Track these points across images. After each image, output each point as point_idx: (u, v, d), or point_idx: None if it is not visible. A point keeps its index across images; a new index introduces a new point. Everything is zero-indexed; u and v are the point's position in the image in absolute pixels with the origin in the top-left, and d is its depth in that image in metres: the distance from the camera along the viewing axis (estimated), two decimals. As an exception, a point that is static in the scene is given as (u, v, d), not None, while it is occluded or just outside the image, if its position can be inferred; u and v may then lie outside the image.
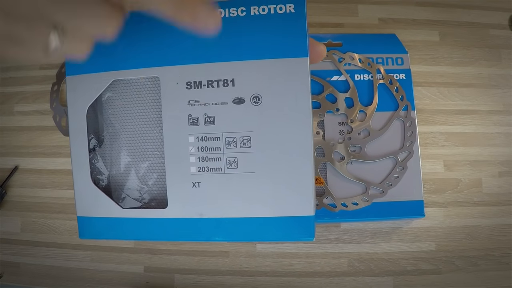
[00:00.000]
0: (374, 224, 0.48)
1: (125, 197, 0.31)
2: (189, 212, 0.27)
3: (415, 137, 0.45)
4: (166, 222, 0.27)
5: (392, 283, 0.47)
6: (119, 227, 0.28)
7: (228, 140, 0.26)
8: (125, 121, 0.31)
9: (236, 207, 0.26)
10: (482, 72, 0.51)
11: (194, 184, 0.27)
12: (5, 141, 0.53)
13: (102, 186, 0.31)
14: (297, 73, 0.26)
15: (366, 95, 0.46)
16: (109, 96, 0.31)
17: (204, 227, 0.27)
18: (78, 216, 0.28)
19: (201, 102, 0.27)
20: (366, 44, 0.47)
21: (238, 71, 0.26)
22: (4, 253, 0.51)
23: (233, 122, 0.26)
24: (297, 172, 0.26)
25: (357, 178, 0.44)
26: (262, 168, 0.26)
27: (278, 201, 0.26)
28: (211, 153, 0.27)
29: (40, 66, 0.54)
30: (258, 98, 0.26)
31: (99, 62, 0.28)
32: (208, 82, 0.26)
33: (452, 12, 0.52)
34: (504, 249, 0.47)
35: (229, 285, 0.48)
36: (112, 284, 0.50)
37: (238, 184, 0.26)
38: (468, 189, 0.49)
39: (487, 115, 0.50)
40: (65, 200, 0.51)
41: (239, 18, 0.26)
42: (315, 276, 0.48)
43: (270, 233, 0.26)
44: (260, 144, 0.26)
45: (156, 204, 0.30)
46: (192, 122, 0.27)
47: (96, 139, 0.31)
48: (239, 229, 0.26)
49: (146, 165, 0.31)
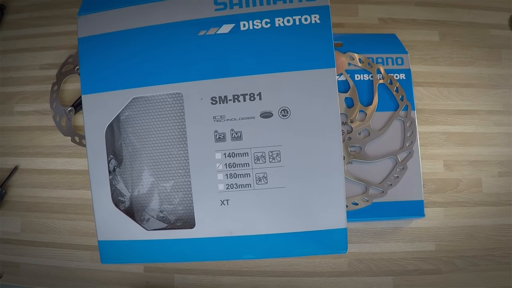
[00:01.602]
0: (374, 224, 0.48)
1: (149, 219, 0.30)
2: (218, 231, 0.26)
3: (415, 137, 0.45)
4: (194, 243, 0.26)
5: (392, 283, 0.47)
6: (144, 250, 0.27)
7: (256, 155, 0.26)
8: (146, 140, 0.30)
9: (267, 223, 0.26)
10: (482, 72, 0.51)
11: (222, 202, 0.26)
12: (5, 141, 0.53)
13: (123, 208, 0.30)
14: (324, 84, 0.25)
15: (366, 95, 0.46)
16: (128, 115, 0.30)
17: (234, 246, 0.26)
18: (99, 240, 0.27)
19: (227, 118, 0.26)
20: (366, 44, 0.47)
21: (264, 84, 0.25)
22: (4, 253, 0.51)
23: (261, 136, 0.26)
24: (327, 185, 0.25)
25: (357, 178, 0.44)
26: (293, 183, 0.25)
27: (310, 215, 0.25)
28: (240, 169, 0.26)
29: (40, 66, 0.54)
30: (286, 111, 0.26)
31: (116, 79, 0.27)
32: (234, 96, 0.26)
33: (452, 12, 0.52)
34: (504, 249, 0.47)
35: (229, 285, 0.48)
36: (112, 284, 0.50)
37: (268, 199, 0.26)
38: (468, 189, 0.49)
39: (487, 115, 0.50)
40: (65, 200, 0.51)
41: (263, 30, 0.26)
42: (315, 276, 0.48)
43: (302, 248, 0.26)
44: (289, 158, 0.25)
45: (182, 224, 0.30)
46: (219, 138, 0.26)
47: (116, 160, 0.30)
48: (270, 245, 0.26)
49: (170, 184, 0.30)
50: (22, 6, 0.56)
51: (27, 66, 0.54)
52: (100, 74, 0.27)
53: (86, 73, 0.27)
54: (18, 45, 0.55)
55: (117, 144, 0.31)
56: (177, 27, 0.26)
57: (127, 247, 0.27)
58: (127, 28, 0.27)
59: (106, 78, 0.27)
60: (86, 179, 0.51)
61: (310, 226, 0.25)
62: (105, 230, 0.27)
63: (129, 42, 0.27)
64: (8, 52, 0.55)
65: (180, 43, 0.26)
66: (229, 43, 0.26)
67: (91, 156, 0.27)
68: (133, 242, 0.27)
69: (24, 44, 0.55)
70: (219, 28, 0.26)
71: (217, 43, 0.26)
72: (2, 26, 0.55)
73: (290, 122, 0.25)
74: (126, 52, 0.26)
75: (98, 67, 0.27)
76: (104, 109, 0.27)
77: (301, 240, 0.25)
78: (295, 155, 0.25)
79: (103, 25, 0.27)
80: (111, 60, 0.27)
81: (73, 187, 0.51)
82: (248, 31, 0.26)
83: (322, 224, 0.25)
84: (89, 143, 0.27)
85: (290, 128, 0.25)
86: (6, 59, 0.55)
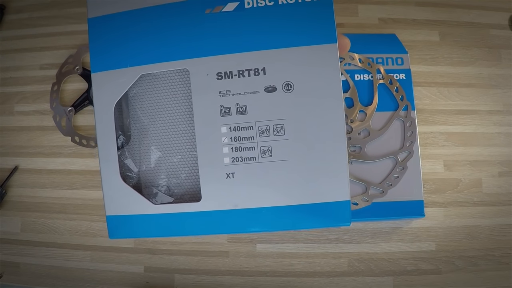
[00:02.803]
0: (374, 224, 0.48)
1: (157, 193, 0.31)
2: (224, 204, 0.26)
3: (415, 137, 0.45)
4: (200, 216, 0.27)
5: (392, 283, 0.47)
6: (151, 224, 0.27)
7: (261, 128, 0.26)
8: (154, 116, 0.30)
9: (272, 196, 0.26)
10: (482, 72, 0.51)
11: (228, 175, 0.26)
12: (5, 141, 0.53)
13: (132, 183, 0.31)
14: (327, 59, 0.26)
15: (366, 95, 0.46)
16: (136, 92, 0.31)
17: (239, 219, 0.26)
18: (107, 215, 0.28)
19: (233, 92, 0.26)
20: (366, 44, 0.47)
21: (268, 60, 0.26)
22: (4, 253, 0.51)
23: (265, 110, 0.26)
24: (331, 157, 0.26)
25: (357, 178, 0.44)
26: (297, 155, 0.26)
27: (314, 187, 0.26)
28: (245, 143, 0.27)
29: (40, 66, 0.54)
30: (290, 85, 0.26)
31: (125, 57, 0.27)
32: (239, 72, 0.26)
33: (452, 12, 0.52)
34: (504, 249, 0.47)
35: (229, 285, 0.48)
36: (112, 284, 0.50)
37: (273, 172, 0.26)
38: (468, 189, 0.49)
39: (487, 115, 0.50)
40: (65, 200, 0.51)
41: (267, 7, 0.26)
42: (315, 276, 0.48)
43: (307, 220, 0.26)
44: (293, 131, 0.26)
45: (190, 198, 0.30)
46: (224, 113, 0.27)
47: (124, 136, 0.31)
48: (275, 218, 0.26)
49: (177, 159, 0.30)
50: (22, 6, 0.56)
51: (27, 66, 0.54)
52: (109, 52, 0.28)
53: (96, 52, 0.28)
54: (18, 45, 0.55)
55: (126, 121, 0.31)
56: (183, 5, 0.27)
57: (135, 221, 0.28)
58: (134, 8, 0.28)
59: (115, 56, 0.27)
60: (86, 179, 0.51)
61: (314, 198, 0.26)
62: (113, 205, 0.28)
63: (137, 21, 0.27)
64: (8, 52, 0.55)
65: (186, 21, 0.27)
66: (234, 20, 0.27)
67: (100, 132, 0.28)
68: (141, 216, 0.27)
69: (24, 44, 0.55)
70: (224, 6, 0.27)
71: (222, 21, 0.27)
72: (2, 26, 0.55)
73: (294, 96, 0.26)
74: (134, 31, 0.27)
75: (107, 46, 0.28)
76: (113, 86, 0.28)
77: (305, 213, 0.26)
78: (298, 128, 0.26)
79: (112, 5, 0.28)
80: (119, 39, 0.28)
81: (73, 187, 0.51)
82: (252, 8, 0.26)
83: (325, 196, 0.26)
84: (98, 120, 0.28)
85: (293, 101, 0.26)
86: (6, 59, 0.55)
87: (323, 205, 0.26)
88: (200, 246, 0.49)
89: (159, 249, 0.49)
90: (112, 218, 0.28)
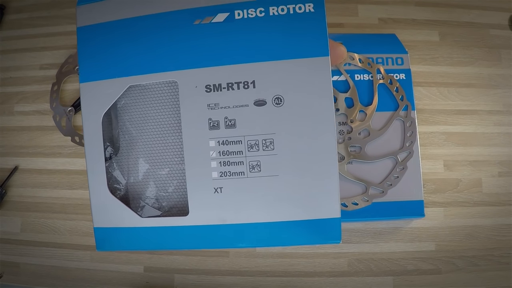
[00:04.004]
0: (374, 224, 0.48)
1: (144, 206, 0.30)
2: (211, 218, 0.26)
3: (415, 137, 0.45)
4: (187, 230, 0.26)
5: (392, 283, 0.47)
6: (139, 237, 0.27)
7: (250, 143, 0.26)
8: (143, 128, 0.30)
9: (260, 211, 0.26)
10: (482, 72, 0.51)
11: (216, 190, 0.26)
12: (5, 141, 0.53)
13: (119, 195, 0.30)
14: (318, 73, 0.25)
15: (366, 95, 0.46)
16: (125, 103, 0.30)
17: (227, 234, 0.26)
18: (94, 227, 0.27)
19: (222, 105, 0.26)
20: (366, 44, 0.47)
21: (258, 73, 0.26)
22: (4, 253, 0.51)
23: (255, 124, 0.26)
24: (321, 174, 0.25)
25: (357, 178, 0.44)
26: (286, 171, 0.25)
27: (303, 204, 0.25)
28: (233, 157, 0.26)
29: (40, 66, 0.54)
30: (280, 99, 0.26)
31: (113, 67, 0.27)
32: (228, 84, 0.26)
33: (452, 12, 0.52)
34: (504, 249, 0.47)
35: (229, 285, 0.48)
36: (112, 284, 0.50)
37: (261, 188, 0.26)
38: (468, 189, 0.49)
39: (487, 115, 0.50)
40: (65, 200, 0.51)
41: (258, 19, 0.26)
42: (315, 276, 0.48)
43: (296, 237, 0.25)
44: (283, 146, 0.25)
45: (177, 212, 0.30)
46: (213, 126, 0.26)
47: (112, 147, 0.30)
48: (263, 234, 0.26)
49: (165, 172, 0.30)
50: (22, 6, 0.56)
51: (27, 66, 0.54)
52: (97, 62, 0.27)
53: (84, 62, 0.27)
54: (18, 45, 0.55)
55: (114, 132, 0.31)
56: (172, 16, 0.27)
57: (122, 234, 0.27)
58: (124, 18, 0.27)
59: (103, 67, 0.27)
60: (86, 179, 0.51)
61: (303, 215, 0.25)
62: (101, 217, 0.27)
63: (126, 31, 0.27)
64: (8, 52, 0.55)
65: (175, 32, 0.26)
66: (223, 31, 0.26)
67: (88, 143, 0.28)
68: (128, 229, 0.27)
69: (24, 44, 0.55)
70: (214, 17, 0.26)
71: (212, 32, 0.26)
72: (2, 26, 0.55)
73: (284, 110, 0.26)
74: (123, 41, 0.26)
75: (96, 56, 0.27)
76: (101, 97, 0.27)
77: (294, 229, 0.25)
78: (288, 143, 0.25)
79: (101, 14, 0.27)
80: (108, 49, 0.27)
81: (73, 187, 0.51)
82: (243, 20, 0.26)
83: (316, 213, 0.25)
84: (86, 130, 0.28)
85: (283, 116, 0.26)
86: (6, 59, 0.55)
87: (313, 221, 0.25)
88: (200, 246, 0.49)
89: (159, 249, 0.49)
90: (99, 230, 0.27)
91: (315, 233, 0.25)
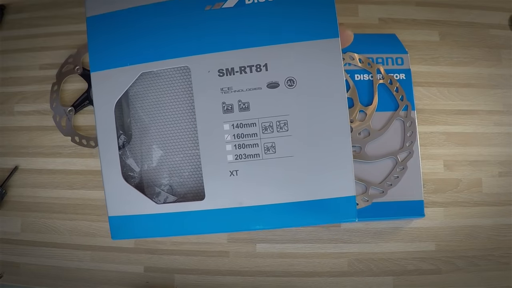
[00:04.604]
0: (374, 224, 0.48)
1: (160, 192, 0.31)
2: (228, 202, 0.26)
3: (415, 137, 0.45)
4: (204, 215, 0.26)
5: (392, 283, 0.47)
6: (155, 223, 0.27)
7: (264, 125, 0.26)
8: (155, 114, 0.30)
9: (276, 193, 0.26)
10: (482, 72, 0.51)
11: (231, 173, 0.26)
12: (5, 141, 0.53)
13: (134, 183, 0.30)
14: (329, 54, 0.25)
15: (366, 95, 0.46)
16: (136, 90, 0.30)
17: (244, 216, 0.26)
18: (109, 216, 0.27)
19: (235, 89, 0.26)
20: (366, 44, 0.47)
21: (270, 56, 0.26)
22: (4, 253, 0.51)
23: (268, 106, 0.26)
24: (335, 152, 0.25)
25: (357, 178, 0.44)
26: (301, 151, 0.26)
27: (318, 183, 0.26)
28: (248, 140, 0.26)
29: (40, 66, 0.54)
30: (292, 81, 0.26)
31: (124, 55, 0.27)
32: (241, 68, 0.26)
33: (452, 12, 0.52)
34: (504, 249, 0.47)
35: (229, 285, 0.48)
36: (112, 284, 0.50)
37: (277, 169, 0.26)
38: (468, 189, 0.49)
39: (487, 115, 0.50)
40: (65, 200, 0.51)
41: (268, 3, 0.26)
42: (315, 276, 0.48)
43: (313, 217, 0.26)
44: (297, 127, 0.26)
45: (193, 197, 0.30)
46: (227, 110, 0.26)
47: (125, 135, 0.31)
48: (280, 215, 0.26)
49: (179, 158, 0.30)
50: (22, 6, 0.56)
51: (27, 66, 0.54)
52: (108, 51, 0.27)
53: (95, 51, 0.27)
54: (18, 45, 0.55)
55: (126, 120, 0.31)
56: (183, 2, 0.27)
57: (138, 221, 0.27)
58: (133, 6, 0.27)
59: (114, 55, 0.27)
60: (86, 179, 0.51)
61: (319, 194, 0.26)
62: (116, 206, 0.27)
63: (136, 19, 0.27)
64: (8, 52, 0.55)
65: (187, 18, 0.27)
66: (234, 16, 0.26)
67: (100, 132, 0.27)
68: (144, 216, 0.27)
69: (24, 44, 0.55)
70: (224, 2, 0.27)
71: (223, 17, 0.26)
72: (2, 26, 0.55)
73: (297, 91, 0.26)
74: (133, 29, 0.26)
75: (106, 45, 0.27)
76: (113, 85, 0.27)
77: (310, 209, 0.26)
78: (302, 124, 0.26)
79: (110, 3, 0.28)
80: (118, 37, 0.27)
81: (73, 187, 0.51)
82: (253, 4, 0.26)
83: (331, 192, 0.25)
84: (99, 120, 0.27)
85: (296, 97, 0.26)
86: (6, 59, 0.55)
87: (328, 201, 0.26)
88: (200, 246, 0.49)
89: (159, 249, 0.49)
90: (114, 219, 0.27)
91: (331, 212, 0.26)
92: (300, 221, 0.26)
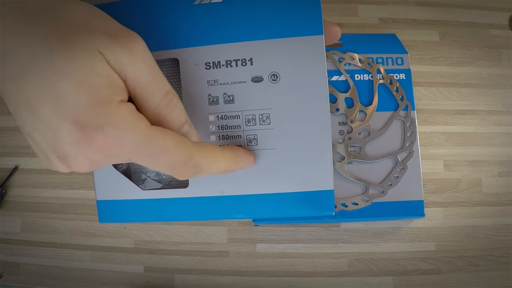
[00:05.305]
0: (374, 224, 0.48)
1: (146, 179, 0.31)
2: (210, 190, 0.27)
3: (415, 137, 0.45)
4: (187, 202, 0.27)
5: (392, 283, 0.47)
6: (139, 209, 0.28)
7: (247, 117, 0.27)
8: None
9: (257, 183, 0.27)
10: (482, 72, 0.51)
11: None
12: (5, 141, 0.53)
13: (121, 169, 0.31)
14: (312, 51, 0.26)
15: (366, 95, 0.46)
16: None
17: (225, 205, 0.27)
18: (97, 200, 0.28)
19: (221, 82, 0.27)
20: (366, 44, 0.47)
21: (255, 51, 0.27)
22: (4, 253, 0.51)
23: (252, 100, 0.27)
24: (315, 147, 0.26)
25: (357, 178, 0.44)
26: (282, 144, 0.26)
27: (298, 176, 0.26)
28: (231, 131, 0.27)
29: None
30: (276, 76, 0.27)
31: None
32: (227, 62, 0.27)
33: (452, 12, 0.52)
34: (504, 249, 0.47)
35: (229, 285, 0.48)
36: (112, 284, 0.50)
37: (258, 160, 0.27)
38: (468, 189, 0.49)
39: (487, 115, 0.50)
40: (65, 200, 0.51)
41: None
42: (315, 276, 0.48)
43: (291, 208, 0.27)
44: (279, 121, 0.27)
45: (177, 184, 0.31)
46: (212, 102, 0.27)
47: None
48: (260, 205, 0.27)
49: None
50: (22, 6, 0.56)
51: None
52: None
53: None
54: (18, 45, 0.55)
55: None
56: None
57: (124, 206, 0.28)
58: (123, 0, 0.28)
59: None
60: (86, 179, 0.51)
61: (298, 187, 0.26)
62: (104, 190, 0.28)
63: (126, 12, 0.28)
64: (8, 52, 0.55)
65: (176, 12, 0.27)
66: (222, 11, 0.27)
67: None
68: (130, 202, 0.28)
69: (24, 44, 0.55)
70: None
71: (211, 12, 0.27)
72: (2, 26, 0.55)
73: (280, 86, 0.27)
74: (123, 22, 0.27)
75: None
76: None
77: (290, 201, 0.27)
78: (284, 117, 0.27)
79: None
80: None
81: (73, 187, 0.51)
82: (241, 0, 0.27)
83: (310, 185, 0.26)
84: None
85: (279, 92, 0.27)
86: (6, 59, 0.55)
87: (307, 193, 0.26)
88: (200, 246, 0.49)
89: (159, 249, 0.49)
90: (102, 203, 0.28)
91: (310, 205, 0.27)
92: (279, 212, 0.27)
